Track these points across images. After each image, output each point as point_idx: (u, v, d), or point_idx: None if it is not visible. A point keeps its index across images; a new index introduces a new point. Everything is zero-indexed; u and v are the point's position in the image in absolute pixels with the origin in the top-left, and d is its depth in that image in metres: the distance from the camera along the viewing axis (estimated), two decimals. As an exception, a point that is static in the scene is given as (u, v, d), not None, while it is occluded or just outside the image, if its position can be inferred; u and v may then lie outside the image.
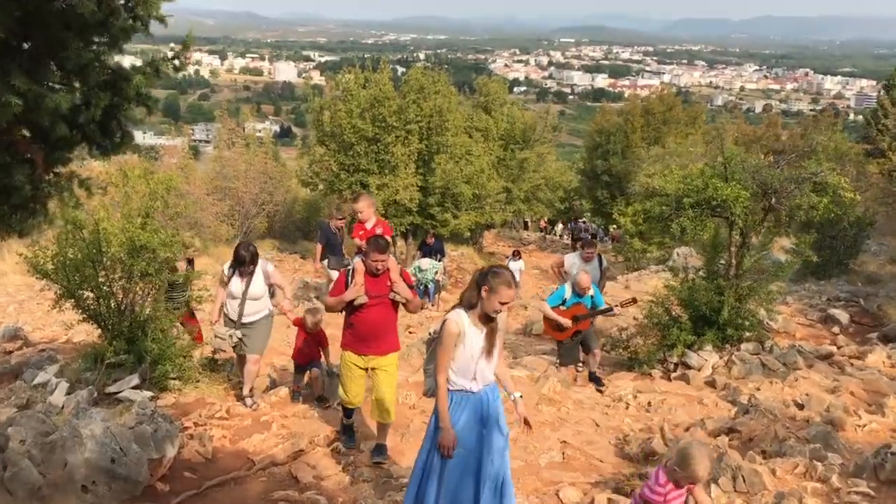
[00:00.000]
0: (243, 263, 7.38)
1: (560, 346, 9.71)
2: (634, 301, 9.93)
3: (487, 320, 4.55)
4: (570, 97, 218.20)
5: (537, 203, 30.54)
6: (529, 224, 42.67)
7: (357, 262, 6.26)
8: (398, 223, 22.34)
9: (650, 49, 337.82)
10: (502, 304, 4.49)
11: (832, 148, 10.79)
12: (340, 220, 12.79)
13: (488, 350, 4.59)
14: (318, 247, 12.76)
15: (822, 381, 8.60)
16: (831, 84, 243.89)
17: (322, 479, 6.19)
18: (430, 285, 16.83)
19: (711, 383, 9.64)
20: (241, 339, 7.57)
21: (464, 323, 4.52)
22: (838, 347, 11.97)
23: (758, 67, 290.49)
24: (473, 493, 4.56)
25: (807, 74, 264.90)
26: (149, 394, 7.44)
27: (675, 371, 10.41)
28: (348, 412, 6.76)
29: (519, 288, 20.77)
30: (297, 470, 6.28)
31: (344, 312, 6.33)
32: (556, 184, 30.82)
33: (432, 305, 17.08)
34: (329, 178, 23.08)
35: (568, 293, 9.44)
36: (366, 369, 6.33)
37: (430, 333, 5.01)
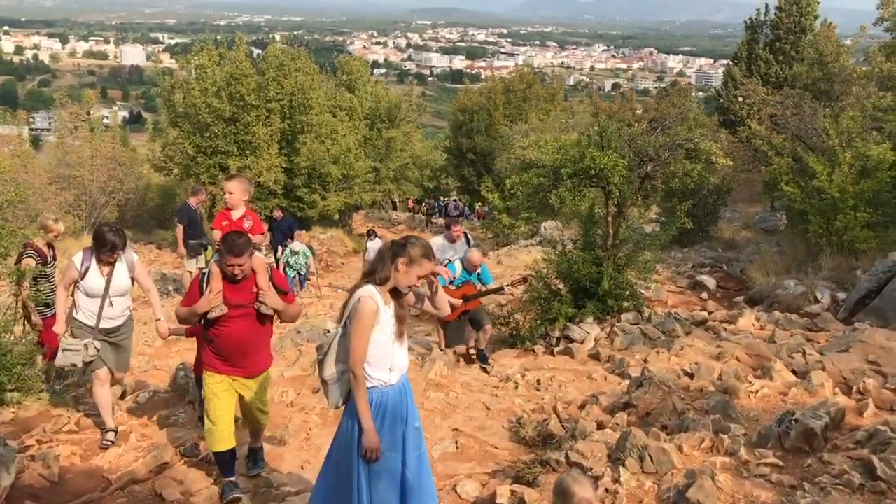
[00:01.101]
0: (112, 249, 5.90)
1: (445, 327, 9.24)
2: (525, 280, 9.58)
3: (396, 296, 4.03)
4: (430, 79, 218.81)
5: (406, 182, 30.12)
6: (398, 204, 42.20)
7: (213, 265, 5.10)
8: (262, 206, 21.33)
9: (504, 31, 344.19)
10: (420, 277, 3.99)
11: (692, 118, 10.92)
12: (202, 197, 11.92)
13: (400, 332, 4.06)
14: (180, 228, 11.82)
15: (706, 349, 8.57)
16: (674, 62, 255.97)
17: (191, 496, 5.48)
18: (303, 271, 16.04)
19: (595, 356, 9.50)
20: (99, 352, 6.06)
21: (379, 301, 3.96)
22: (709, 313, 12.20)
23: (606, 48, 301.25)
24: (398, 498, 4.05)
25: (651, 54, 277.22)
26: (-19, 410, 6.48)
27: (557, 345, 10.23)
28: (224, 462, 5.27)
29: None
30: (162, 487, 5.54)
31: (203, 325, 5.20)
32: (423, 162, 30.48)
33: (302, 290, 16.34)
34: (184, 162, 21.78)
35: (458, 271, 8.97)
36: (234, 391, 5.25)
37: (324, 332, 4.27)
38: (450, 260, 9.12)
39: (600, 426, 6.11)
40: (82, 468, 5.84)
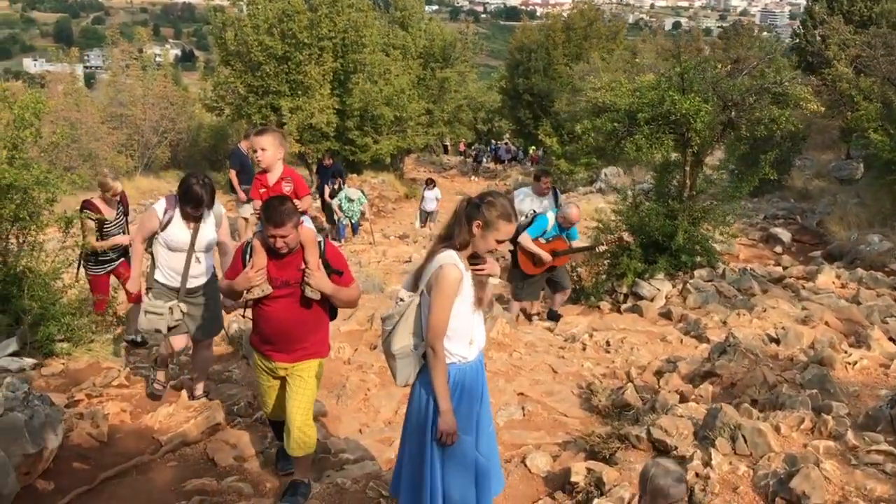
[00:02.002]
0: (199, 204, 5.30)
1: (523, 280, 8.67)
2: (621, 240, 8.91)
3: (473, 261, 3.56)
4: (483, 16, 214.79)
5: (459, 125, 29.38)
6: (449, 148, 41.51)
7: (255, 238, 4.40)
8: (315, 149, 20.91)
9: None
10: (500, 242, 3.49)
11: (779, 59, 10.09)
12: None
13: (479, 300, 3.59)
14: (233, 173, 11.47)
15: (791, 311, 7.96)
16: (737, 1, 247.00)
17: (245, 461, 5.16)
18: (355, 218, 15.66)
19: (667, 315, 8.97)
20: (185, 315, 5.52)
21: (462, 268, 3.46)
22: (784, 268, 11.54)
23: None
24: (474, 485, 3.64)
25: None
26: (31, 361, 6.24)
27: (625, 302, 9.71)
28: (275, 428, 5.03)
29: (437, 218, 19.66)
30: (215, 450, 5.22)
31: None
32: (478, 104, 29.68)
33: (355, 236, 16.02)
34: (236, 102, 21.34)
35: (550, 224, 8.36)
36: (282, 378, 4.62)
37: (397, 301, 3.68)
38: (541, 212, 8.54)
39: (682, 398, 5.61)
40: (132, 427, 5.55)
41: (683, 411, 5.18)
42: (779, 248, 13.81)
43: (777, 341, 6.89)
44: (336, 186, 15.67)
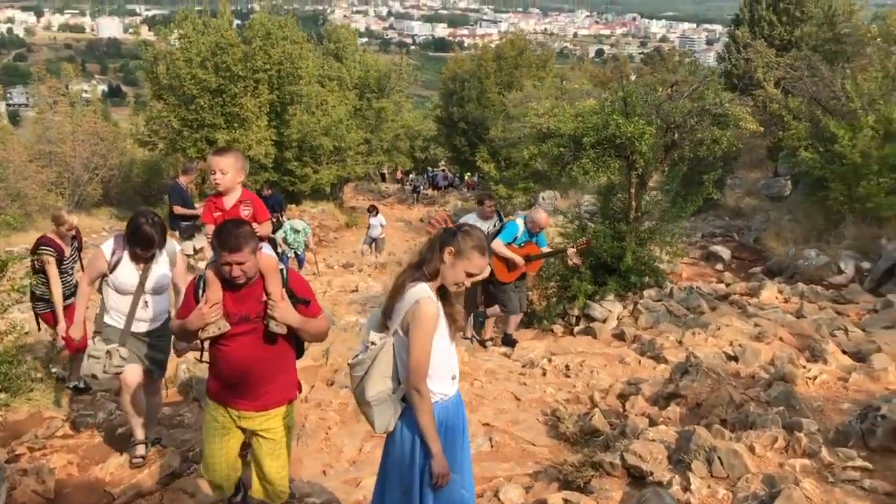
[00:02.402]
0: (149, 246, 4.94)
1: (504, 292, 8.61)
2: (588, 243, 8.89)
3: (442, 295, 3.42)
4: (412, 47, 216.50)
5: (398, 154, 29.36)
6: (387, 176, 41.46)
7: (208, 269, 3.91)
8: (252, 181, 20.59)
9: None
10: (469, 276, 3.34)
11: (716, 81, 10.41)
12: (193, 175, 11.23)
13: (454, 333, 3.44)
14: (178, 209, 11.05)
15: (745, 328, 8.04)
16: (657, 28, 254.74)
17: (206, 511, 4.90)
18: (300, 250, 15.41)
19: (620, 336, 8.99)
20: (126, 360, 5.07)
21: (436, 300, 3.33)
22: (727, 285, 11.74)
23: (589, 14, 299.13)
24: None
25: (634, 19, 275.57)
26: (-35, 415, 5.87)
27: (577, 325, 9.71)
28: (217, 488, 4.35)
29: (383, 245, 19.58)
30: (172, 501, 4.95)
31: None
32: (414, 133, 29.69)
33: (300, 270, 15.71)
34: (170, 136, 20.95)
35: (521, 230, 8.38)
36: (242, 429, 4.09)
37: (367, 345, 3.34)
38: (512, 219, 8.57)
39: (651, 422, 5.57)
40: (81, 481, 5.24)
41: (655, 435, 5.14)
42: (720, 266, 14.07)
43: (735, 359, 6.94)
44: (276, 220, 15.40)
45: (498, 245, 8.29)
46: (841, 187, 12.67)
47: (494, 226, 8.70)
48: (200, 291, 3.89)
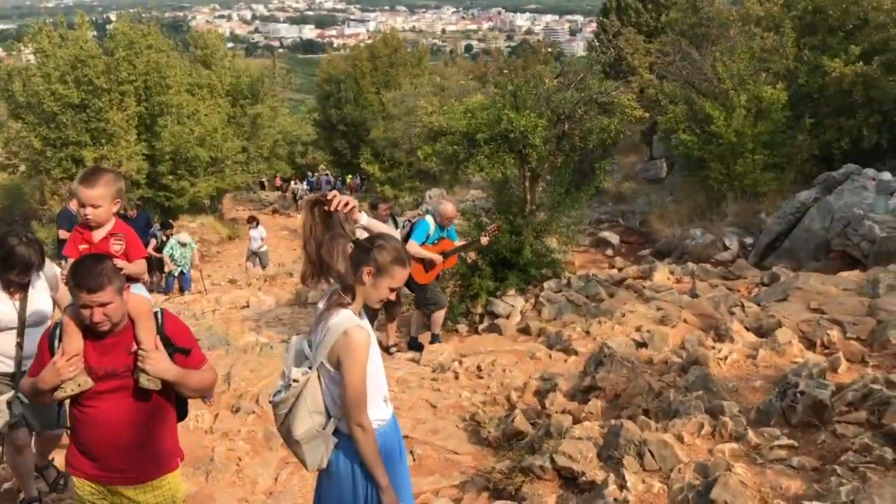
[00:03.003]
0: (26, 269, 4.30)
1: (426, 290, 8.39)
2: (499, 228, 8.71)
3: (367, 312, 3.19)
4: (280, 51, 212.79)
5: (278, 161, 28.62)
6: (266, 184, 40.44)
7: (65, 315, 3.28)
8: (126, 199, 19.55)
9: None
10: (392, 290, 3.10)
11: (599, 70, 10.58)
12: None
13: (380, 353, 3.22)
14: (63, 233, 10.16)
15: (649, 313, 8.12)
16: (522, 21, 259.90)
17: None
18: (187, 268, 14.72)
19: (525, 330, 8.96)
20: (23, 406, 4.27)
21: (366, 326, 3.07)
22: (619, 270, 11.93)
23: (455, 10, 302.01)
24: None
25: (500, 13, 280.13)
26: None
27: (481, 322, 9.63)
28: None
29: (268, 258, 18.88)
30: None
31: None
32: (293, 138, 29.04)
33: (186, 290, 15.05)
34: (31, 157, 19.62)
35: (432, 227, 8.12)
36: None
37: (290, 382, 3.00)
38: (421, 216, 8.31)
39: (575, 419, 5.48)
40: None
41: (581, 432, 5.04)
42: (609, 251, 14.34)
43: (645, 345, 6.98)
44: (164, 237, 14.75)
45: (413, 247, 8.02)
46: (719, 166, 13.11)
47: (403, 227, 8.52)
48: (56, 342, 3.22)
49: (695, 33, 16.54)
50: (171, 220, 18.77)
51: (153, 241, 14.74)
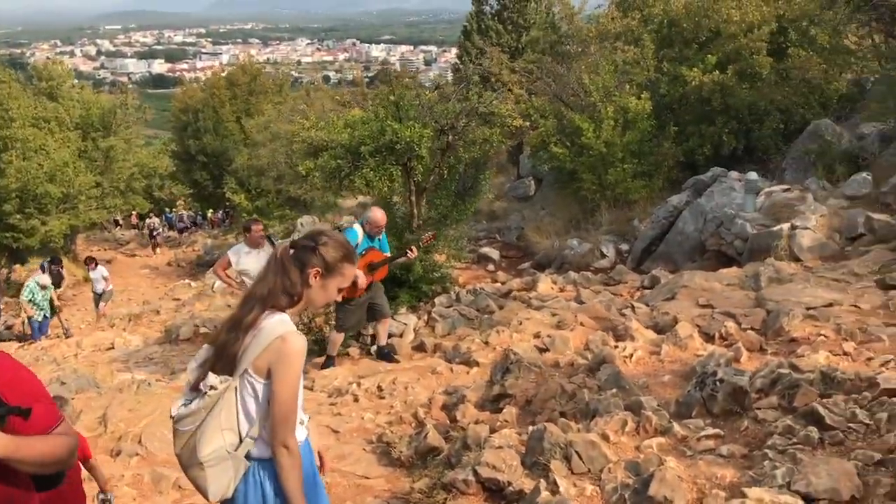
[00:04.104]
0: None
1: (344, 307, 7.74)
2: (434, 237, 8.18)
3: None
4: (130, 86, 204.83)
5: (134, 195, 27.16)
6: (121, 221, 38.41)
7: None
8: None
9: (202, 30, 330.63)
10: (341, 291, 2.79)
11: (476, 82, 10.62)
12: None
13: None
14: None
15: (545, 319, 8.05)
16: (377, 52, 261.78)
17: None
18: (48, 312, 13.65)
19: (420, 347, 8.70)
20: None
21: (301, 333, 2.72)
22: (503, 283, 11.93)
23: (310, 41, 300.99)
24: None
25: (355, 44, 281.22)
26: None
27: (373, 344, 9.29)
28: None
29: (111, 295, 17.54)
30: None
31: None
32: (150, 170, 27.69)
33: (45, 337, 13.94)
34: None
35: (360, 237, 7.51)
36: None
37: (207, 390, 2.60)
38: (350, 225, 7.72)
39: (492, 429, 5.26)
40: None
41: (501, 441, 4.82)
42: (491, 266, 14.35)
43: (547, 350, 6.87)
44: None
45: None
46: (591, 177, 13.39)
47: (267, 252, 8.02)
48: None
49: (555, 51, 16.95)
50: (16, 265, 17.47)
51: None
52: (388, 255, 7.91)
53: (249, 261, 8.16)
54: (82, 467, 3.84)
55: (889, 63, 12.60)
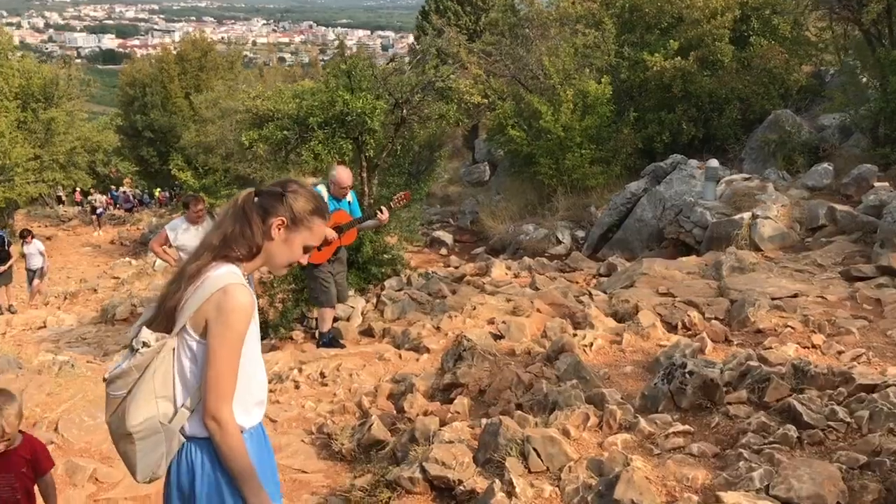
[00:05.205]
0: None
1: (315, 279, 7.19)
2: (408, 196, 7.60)
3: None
4: (78, 61, 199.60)
5: (76, 170, 26.06)
6: (64, 198, 37.09)
7: None
8: None
9: (156, 7, 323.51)
10: (308, 250, 2.38)
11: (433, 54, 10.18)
12: None
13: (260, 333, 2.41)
14: None
15: (500, 305, 7.66)
16: (333, 35, 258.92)
17: None
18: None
19: (368, 332, 8.26)
20: None
21: (251, 290, 2.27)
22: (455, 268, 11.59)
23: (265, 22, 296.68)
24: None
25: (311, 27, 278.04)
26: None
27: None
28: None
29: (48, 271, 16.73)
30: None
31: None
32: (94, 145, 26.61)
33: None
34: None
35: (324, 198, 6.87)
36: None
37: (138, 347, 2.16)
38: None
39: (442, 421, 4.85)
40: None
41: (451, 435, 4.43)
42: (444, 251, 13.97)
43: (501, 337, 6.50)
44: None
45: None
46: (548, 161, 13.05)
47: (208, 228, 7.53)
48: None
49: (515, 34, 16.55)
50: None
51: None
52: (358, 217, 7.34)
53: (188, 237, 7.71)
54: None
55: (849, 54, 12.48)
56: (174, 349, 2.21)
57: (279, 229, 2.30)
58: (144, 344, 2.18)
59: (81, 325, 12.49)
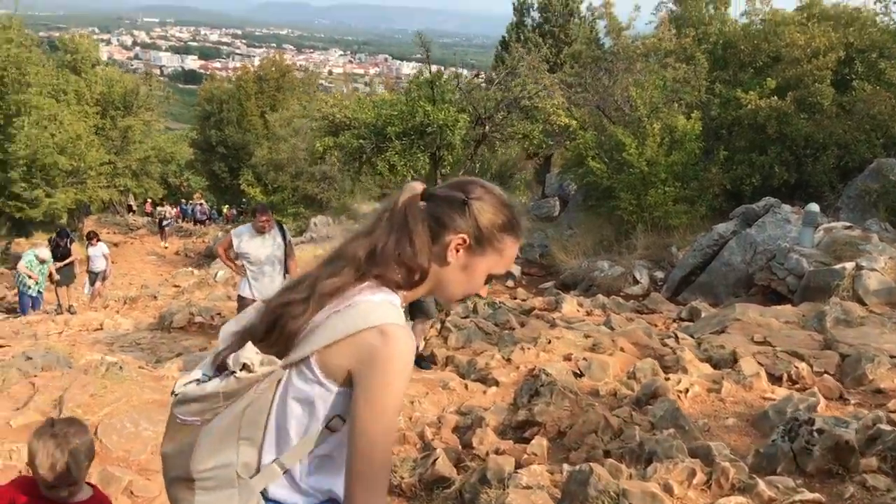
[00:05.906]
0: None
1: None
2: None
3: None
4: (161, 79, 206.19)
5: (148, 179, 26.37)
6: (135, 208, 37.72)
7: None
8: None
9: (238, 32, 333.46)
10: (493, 277, 1.73)
11: (523, 72, 9.80)
12: None
13: None
14: None
15: (578, 340, 7.06)
16: (408, 69, 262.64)
17: None
18: (43, 286, 12.94)
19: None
20: None
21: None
22: (523, 301, 11.09)
23: (342, 53, 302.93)
24: None
25: (386, 60, 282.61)
26: None
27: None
28: None
29: (110, 275, 16.67)
30: None
31: None
32: (167, 156, 26.93)
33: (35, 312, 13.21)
34: None
35: None
36: None
37: (235, 369, 1.50)
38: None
39: (518, 462, 4.28)
40: None
41: (529, 479, 3.86)
42: (510, 283, 13.42)
43: (581, 375, 5.90)
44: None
45: None
46: (629, 196, 12.43)
47: (275, 240, 7.23)
48: None
49: (598, 67, 16.04)
50: (20, 238, 16.70)
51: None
52: None
53: (252, 246, 7.36)
54: None
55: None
56: (280, 382, 1.60)
57: (458, 251, 1.65)
58: (245, 367, 1.57)
59: (138, 330, 12.25)
